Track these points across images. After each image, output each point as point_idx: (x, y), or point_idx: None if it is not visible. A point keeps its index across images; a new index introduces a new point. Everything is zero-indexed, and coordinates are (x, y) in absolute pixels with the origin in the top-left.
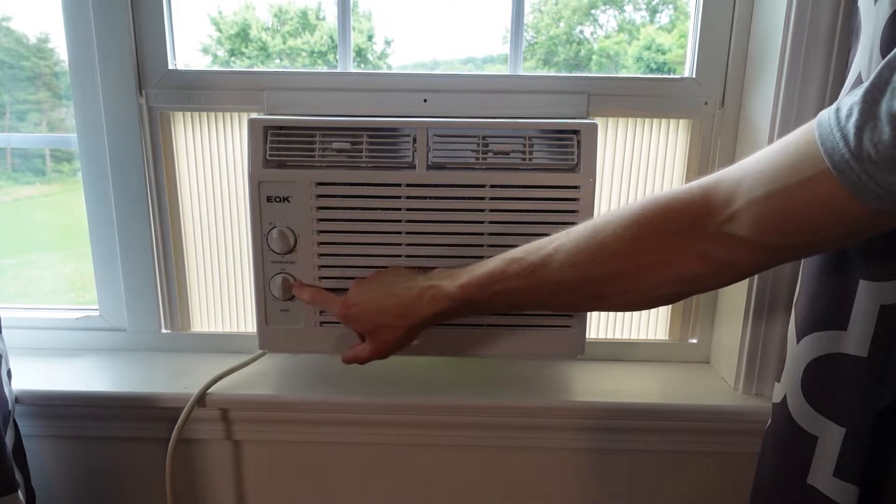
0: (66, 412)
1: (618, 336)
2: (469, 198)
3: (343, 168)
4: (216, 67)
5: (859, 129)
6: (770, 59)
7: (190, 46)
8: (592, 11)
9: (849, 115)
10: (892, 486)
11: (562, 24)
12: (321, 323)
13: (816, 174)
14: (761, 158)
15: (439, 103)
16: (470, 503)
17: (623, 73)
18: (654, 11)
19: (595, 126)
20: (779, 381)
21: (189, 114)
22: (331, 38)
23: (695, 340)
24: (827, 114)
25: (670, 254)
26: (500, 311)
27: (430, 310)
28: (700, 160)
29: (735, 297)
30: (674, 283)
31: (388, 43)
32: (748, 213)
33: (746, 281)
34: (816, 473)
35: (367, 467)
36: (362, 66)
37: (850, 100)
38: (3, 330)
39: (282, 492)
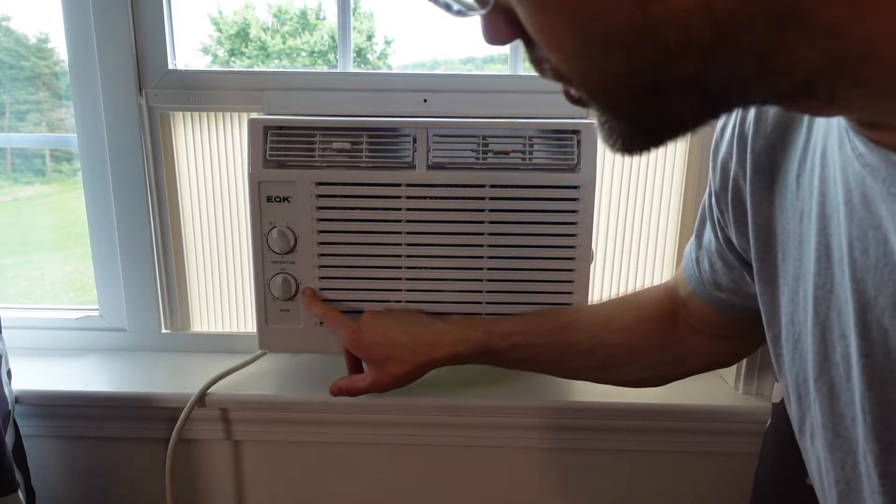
0: (66, 412)
1: None
2: (469, 198)
3: (343, 168)
4: (216, 67)
5: (697, 259)
6: None
7: (190, 46)
8: None
9: (692, 249)
10: None
11: None
12: (321, 323)
13: (688, 294)
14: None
15: (439, 103)
16: (469, 503)
17: None
18: None
19: (595, 126)
20: (778, 382)
21: (189, 114)
22: (331, 37)
23: None
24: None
25: (662, 336)
26: (512, 366)
27: (449, 351)
28: (700, 160)
29: None
30: (664, 364)
31: (388, 43)
32: (688, 308)
33: None
34: None
35: (366, 467)
36: (362, 66)
37: (692, 236)
38: (3, 330)
39: (282, 492)
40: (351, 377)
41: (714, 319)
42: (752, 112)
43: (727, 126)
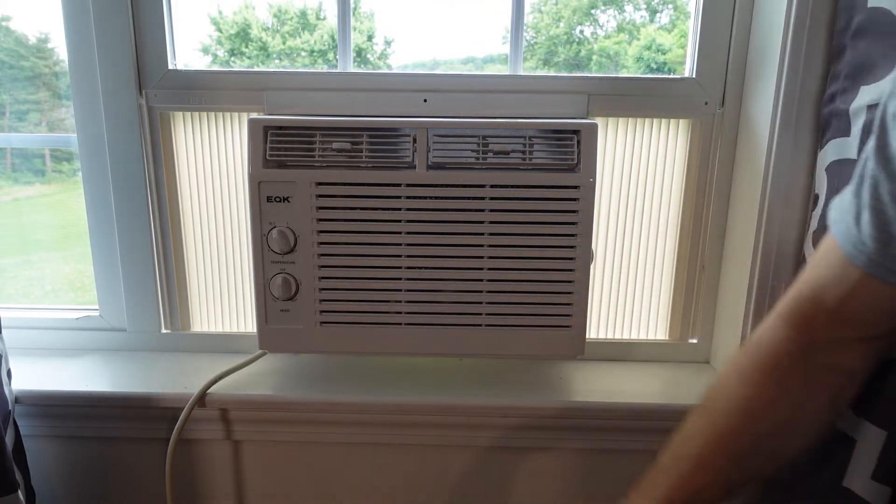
0: (66, 412)
1: (618, 336)
2: (469, 198)
3: (343, 168)
4: (216, 67)
5: (857, 220)
6: (770, 59)
7: (190, 46)
8: (592, 11)
9: (851, 222)
10: None
11: (562, 24)
12: (321, 323)
13: (852, 286)
14: (816, 264)
15: (439, 103)
16: (469, 503)
17: (623, 73)
18: (654, 11)
19: (595, 126)
20: None
21: (189, 114)
22: (331, 37)
23: (695, 340)
24: (845, 222)
25: (807, 385)
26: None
27: None
28: (700, 160)
29: (735, 297)
30: (824, 411)
31: (388, 43)
32: (846, 311)
33: (746, 280)
34: (853, 476)
35: (366, 467)
36: (362, 66)
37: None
38: (3, 330)
39: (282, 492)
40: None
41: (886, 304)
42: None
43: None
